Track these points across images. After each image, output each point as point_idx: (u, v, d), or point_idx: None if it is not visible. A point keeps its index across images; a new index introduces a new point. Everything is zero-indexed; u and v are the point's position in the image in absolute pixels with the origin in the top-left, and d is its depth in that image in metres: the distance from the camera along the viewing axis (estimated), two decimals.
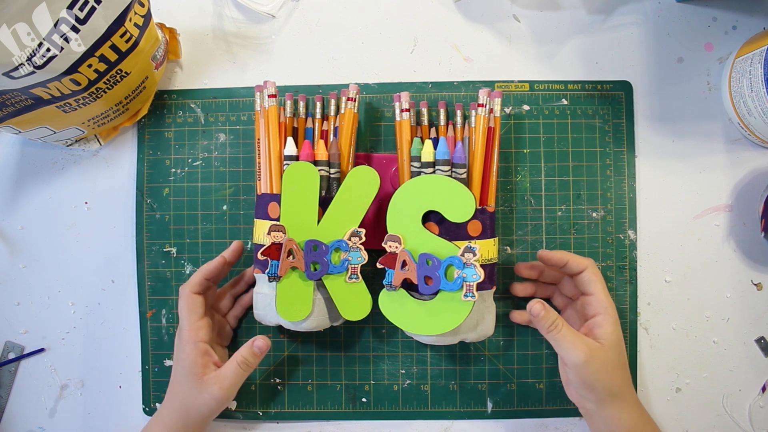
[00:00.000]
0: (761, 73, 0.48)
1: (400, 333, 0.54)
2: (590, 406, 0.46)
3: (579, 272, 0.48)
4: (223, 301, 0.53)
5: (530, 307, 0.46)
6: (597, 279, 0.48)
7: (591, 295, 0.48)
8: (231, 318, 0.54)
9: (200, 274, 0.49)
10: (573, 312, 0.51)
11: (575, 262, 0.48)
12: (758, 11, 0.54)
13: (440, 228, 0.46)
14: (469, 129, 0.48)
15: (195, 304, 0.48)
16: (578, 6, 0.55)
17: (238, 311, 0.54)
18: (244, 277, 0.54)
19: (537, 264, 0.52)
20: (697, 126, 0.54)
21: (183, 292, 0.49)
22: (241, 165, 0.55)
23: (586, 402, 0.47)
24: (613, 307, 0.47)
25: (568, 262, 0.48)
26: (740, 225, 0.54)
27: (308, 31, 0.56)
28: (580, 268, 0.48)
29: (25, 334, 0.55)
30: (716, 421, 0.53)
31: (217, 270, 0.50)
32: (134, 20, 0.45)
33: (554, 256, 0.49)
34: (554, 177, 0.54)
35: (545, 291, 0.53)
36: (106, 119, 0.52)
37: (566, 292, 0.51)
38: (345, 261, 0.47)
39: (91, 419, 0.55)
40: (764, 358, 0.54)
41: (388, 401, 0.54)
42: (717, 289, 0.54)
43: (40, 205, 0.56)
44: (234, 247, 0.52)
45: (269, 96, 0.48)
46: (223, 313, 0.53)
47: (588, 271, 0.48)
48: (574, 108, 0.54)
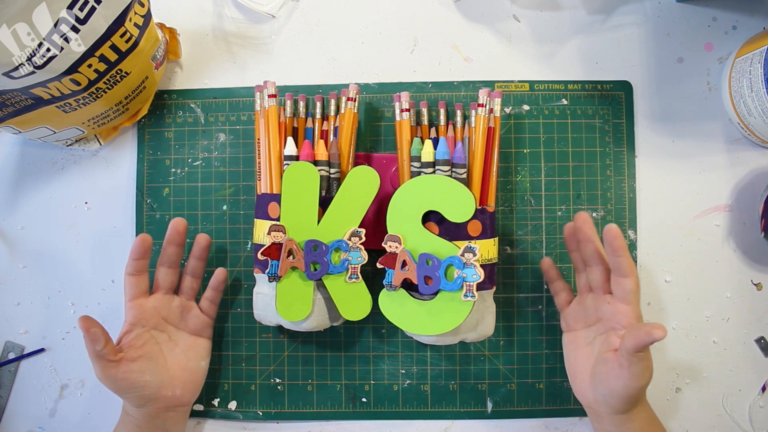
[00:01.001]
0: (761, 73, 0.48)
1: (400, 333, 0.54)
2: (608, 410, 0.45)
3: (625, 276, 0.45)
4: (185, 282, 0.52)
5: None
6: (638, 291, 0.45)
7: (629, 305, 0.45)
8: (204, 302, 0.52)
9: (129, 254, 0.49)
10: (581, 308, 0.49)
11: (628, 263, 0.44)
12: (758, 11, 0.54)
13: (440, 228, 0.46)
14: (469, 129, 0.48)
15: (124, 286, 0.49)
16: (578, 6, 0.55)
17: (210, 293, 0.52)
18: (195, 253, 0.51)
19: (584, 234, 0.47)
20: (697, 126, 0.54)
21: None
22: (241, 165, 0.55)
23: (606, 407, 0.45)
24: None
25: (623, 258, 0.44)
26: (740, 225, 0.54)
27: (308, 31, 0.56)
28: (629, 272, 0.44)
29: (25, 334, 0.55)
30: (716, 421, 0.53)
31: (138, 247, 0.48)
32: (134, 20, 0.45)
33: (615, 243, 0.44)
34: (554, 177, 0.54)
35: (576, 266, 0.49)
36: (106, 119, 0.52)
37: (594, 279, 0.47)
38: (345, 261, 0.47)
39: (91, 419, 0.55)
40: (764, 358, 0.54)
41: (388, 401, 0.54)
42: (717, 289, 0.54)
43: (40, 205, 0.56)
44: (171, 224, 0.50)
45: (269, 96, 0.48)
46: (189, 297, 0.52)
47: (635, 280, 0.45)
48: (574, 108, 0.54)
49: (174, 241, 0.50)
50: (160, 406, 0.48)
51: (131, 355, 0.48)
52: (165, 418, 0.49)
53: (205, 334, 0.52)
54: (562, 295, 0.51)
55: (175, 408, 0.49)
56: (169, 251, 0.50)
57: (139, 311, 0.49)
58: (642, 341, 0.41)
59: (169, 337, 0.50)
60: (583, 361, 0.48)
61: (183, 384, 0.49)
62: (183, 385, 0.49)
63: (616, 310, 0.45)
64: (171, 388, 0.49)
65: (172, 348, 0.50)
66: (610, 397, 0.44)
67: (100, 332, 0.45)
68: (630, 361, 0.42)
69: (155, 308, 0.50)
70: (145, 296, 0.50)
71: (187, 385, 0.50)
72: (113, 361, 0.46)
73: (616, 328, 0.45)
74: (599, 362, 0.45)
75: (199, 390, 0.51)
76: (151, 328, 0.50)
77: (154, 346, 0.49)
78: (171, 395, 0.49)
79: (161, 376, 0.48)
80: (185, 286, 0.52)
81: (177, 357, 0.50)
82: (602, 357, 0.45)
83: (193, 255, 0.51)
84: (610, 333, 0.45)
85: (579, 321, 0.49)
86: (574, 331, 0.49)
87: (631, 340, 0.42)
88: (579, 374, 0.48)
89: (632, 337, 0.42)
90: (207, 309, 0.52)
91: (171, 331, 0.51)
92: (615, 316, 0.45)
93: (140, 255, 0.49)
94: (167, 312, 0.50)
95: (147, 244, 0.49)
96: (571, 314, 0.50)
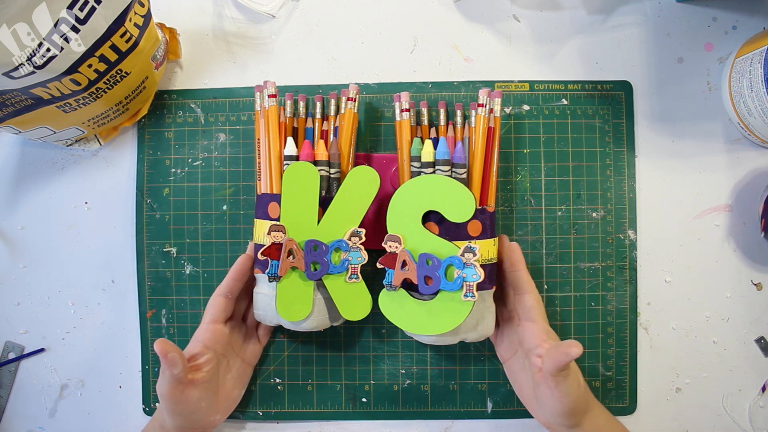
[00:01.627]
0: (761, 73, 0.48)
1: (400, 333, 0.54)
2: (562, 429, 0.45)
3: (523, 293, 0.47)
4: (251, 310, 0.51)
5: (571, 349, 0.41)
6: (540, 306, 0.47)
7: (534, 322, 0.46)
8: (261, 330, 0.52)
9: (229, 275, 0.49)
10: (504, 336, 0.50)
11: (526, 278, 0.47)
12: (758, 11, 0.54)
13: (440, 228, 0.46)
14: (469, 129, 0.48)
15: (211, 306, 0.48)
16: (578, 6, 0.55)
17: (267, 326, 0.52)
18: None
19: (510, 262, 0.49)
20: (697, 126, 0.54)
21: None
22: (241, 165, 0.55)
23: (559, 426, 0.45)
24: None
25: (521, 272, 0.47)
26: (740, 225, 0.54)
27: (308, 31, 0.56)
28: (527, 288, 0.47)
29: (25, 334, 0.55)
30: (716, 421, 0.53)
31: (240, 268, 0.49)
32: (134, 20, 0.45)
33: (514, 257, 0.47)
34: (554, 177, 0.54)
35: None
36: (106, 119, 0.52)
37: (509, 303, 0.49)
38: (345, 261, 0.47)
39: (91, 419, 0.55)
40: (764, 358, 0.54)
41: (388, 401, 0.54)
42: (717, 289, 0.54)
43: (40, 205, 0.56)
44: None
45: (269, 96, 0.48)
46: (253, 324, 0.52)
47: (534, 296, 0.47)
48: (574, 108, 0.54)
49: (241, 279, 0.49)
50: (198, 428, 0.48)
51: (198, 379, 0.46)
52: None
53: (254, 363, 0.52)
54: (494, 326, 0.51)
55: (207, 429, 0.49)
56: (238, 285, 0.49)
57: (218, 336, 0.48)
58: (560, 361, 0.41)
59: (228, 363, 0.50)
60: (526, 387, 0.48)
61: (224, 410, 0.50)
62: (224, 411, 0.50)
63: (524, 329, 0.47)
64: (215, 413, 0.48)
65: (226, 374, 0.50)
66: (556, 416, 0.45)
67: (178, 357, 0.43)
68: (556, 381, 0.43)
69: (230, 336, 0.49)
70: (224, 322, 0.49)
71: (226, 411, 0.50)
72: (183, 384, 0.45)
73: (531, 348, 0.46)
74: (535, 386, 0.46)
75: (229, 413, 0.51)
76: (221, 354, 0.49)
77: (216, 373, 0.48)
78: (212, 420, 0.48)
79: (212, 402, 0.48)
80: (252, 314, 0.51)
81: (227, 383, 0.50)
82: (534, 380, 0.46)
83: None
84: (530, 354, 0.47)
85: (508, 349, 0.50)
86: (509, 360, 0.50)
87: (550, 362, 0.42)
88: (527, 400, 0.49)
89: (550, 359, 0.42)
90: (263, 337, 0.52)
91: (231, 356, 0.50)
92: (526, 336, 0.46)
93: (240, 276, 0.48)
94: (236, 339, 0.50)
95: (250, 265, 0.49)
96: (500, 344, 0.51)
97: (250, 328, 0.52)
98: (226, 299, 0.48)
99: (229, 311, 0.49)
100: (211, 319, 0.48)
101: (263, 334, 0.53)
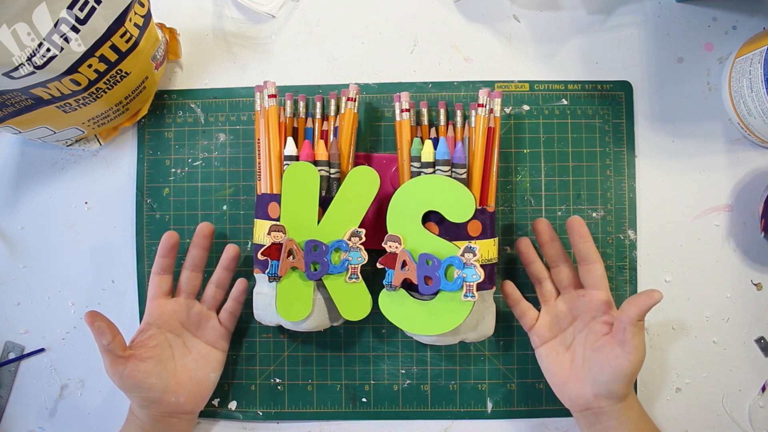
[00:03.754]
0: (761, 73, 0.48)
1: (400, 333, 0.54)
2: (610, 402, 0.45)
3: (593, 262, 0.47)
4: (208, 291, 0.51)
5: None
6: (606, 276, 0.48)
7: (603, 290, 0.47)
8: (224, 313, 0.52)
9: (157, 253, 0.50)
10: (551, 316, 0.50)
11: (594, 249, 0.48)
12: (758, 11, 0.54)
13: (440, 228, 0.46)
14: (469, 129, 0.48)
15: (149, 285, 0.50)
16: (578, 6, 0.55)
17: (231, 305, 0.51)
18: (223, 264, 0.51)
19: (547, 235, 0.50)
20: (697, 126, 0.54)
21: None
22: (241, 165, 0.55)
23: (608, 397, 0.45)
24: None
25: (590, 243, 0.48)
26: (740, 225, 0.54)
27: (308, 31, 0.56)
28: (596, 257, 0.47)
29: (25, 334, 0.55)
30: (716, 421, 0.53)
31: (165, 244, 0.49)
32: (134, 20, 0.45)
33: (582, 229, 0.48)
34: (554, 177, 0.54)
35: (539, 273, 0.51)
36: (106, 119, 0.52)
37: (563, 278, 0.50)
38: (345, 261, 0.47)
39: (91, 419, 0.55)
40: (764, 358, 0.54)
41: (388, 401, 0.54)
42: (717, 289, 0.54)
43: (40, 205, 0.56)
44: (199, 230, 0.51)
45: (269, 96, 0.48)
46: (210, 306, 0.51)
47: (602, 265, 0.47)
48: (574, 108, 0.54)
49: (199, 244, 0.50)
50: (163, 411, 0.48)
51: (141, 354, 0.48)
52: (168, 423, 0.49)
53: (220, 346, 0.52)
54: (530, 314, 0.50)
55: (178, 415, 0.49)
56: (193, 254, 0.51)
57: (158, 311, 0.49)
58: (645, 305, 0.43)
59: (183, 343, 0.50)
60: (568, 365, 0.48)
61: (188, 392, 0.49)
62: (188, 394, 0.49)
63: (591, 299, 0.47)
64: (175, 394, 0.48)
65: (184, 354, 0.50)
66: (614, 382, 0.45)
67: (106, 326, 0.45)
68: (632, 333, 0.44)
69: (174, 311, 0.50)
70: (166, 297, 0.50)
71: (192, 395, 0.50)
72: (121, 357, 0.46)
73: (596, 317, 0.47)
74: (592, 354, 0.46)
75: (205, 401, 0.51)
76: (167, 330, 0.50)
77: (166, 350, 0.49)
78: (174, 401, 0.48)
79: (167, 381, 0.48)
80: (208, 295, 0.51)
81: (187, 364, 0.50)
82: (593, 348, 0.46)
83: (221, 265, 0.51)
84: (593, 323, 0.47)
85: (552, 329, 0.50)
86: (550, 342, 0.50)
87: (634, 308, 0.43)
88: (570, 379, 0.48)
89: (634, 306, 0.43)
90: (226, 320, 0.52)
91: (187, 337, 0.51)
92: (592, 305, 0.47)
93: (166, 252, 0.49)
94: (186, 317, 0.50)
95: (174, 240, 0.50)
96: (543, 326, 0.50)
97: (207, 309, 0.51)
98: (158, 276, 0.50)
99: (165, 286, 0.50)
100: (149, 296, 0.50)
101: (226, 318, 0.51)
